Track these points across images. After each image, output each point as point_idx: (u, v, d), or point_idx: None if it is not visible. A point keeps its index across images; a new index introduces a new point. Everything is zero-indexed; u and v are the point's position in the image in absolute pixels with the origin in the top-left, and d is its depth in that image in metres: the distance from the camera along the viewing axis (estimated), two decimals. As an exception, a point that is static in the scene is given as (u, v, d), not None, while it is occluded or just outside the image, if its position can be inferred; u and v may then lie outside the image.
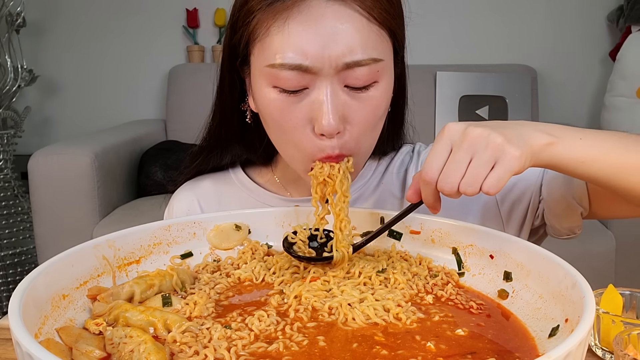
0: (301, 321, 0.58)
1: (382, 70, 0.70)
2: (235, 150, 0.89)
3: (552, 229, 0.85)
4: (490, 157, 0.59)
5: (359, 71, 0.68)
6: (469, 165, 0.60)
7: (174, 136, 2.73)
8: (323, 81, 0.68)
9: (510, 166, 0.59)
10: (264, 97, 0.72)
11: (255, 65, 0.73)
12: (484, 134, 0.60)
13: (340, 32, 0.67)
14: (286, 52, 0.67)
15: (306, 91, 0.70)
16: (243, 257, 0.74)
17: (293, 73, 0.68)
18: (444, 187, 0.61)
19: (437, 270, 0.70)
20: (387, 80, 0.73)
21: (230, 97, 0.82)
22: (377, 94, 0.71)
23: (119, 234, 0.68)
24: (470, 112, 2.62)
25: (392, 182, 0.91)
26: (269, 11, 0.68)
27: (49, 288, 0.56)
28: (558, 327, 0.53)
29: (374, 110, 0.72)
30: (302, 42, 0.67)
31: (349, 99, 0.70)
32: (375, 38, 0.69)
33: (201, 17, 2.95)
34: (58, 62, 3.02)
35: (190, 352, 0.51)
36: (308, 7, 0.67)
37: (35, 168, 2.08)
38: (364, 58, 0.68)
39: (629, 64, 2.48)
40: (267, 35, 0.69)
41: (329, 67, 0.67)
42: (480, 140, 0.60)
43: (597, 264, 1.97)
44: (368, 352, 0.52)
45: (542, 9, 2.83)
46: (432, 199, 0.64)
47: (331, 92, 0.68)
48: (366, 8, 0.68)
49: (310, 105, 0.70)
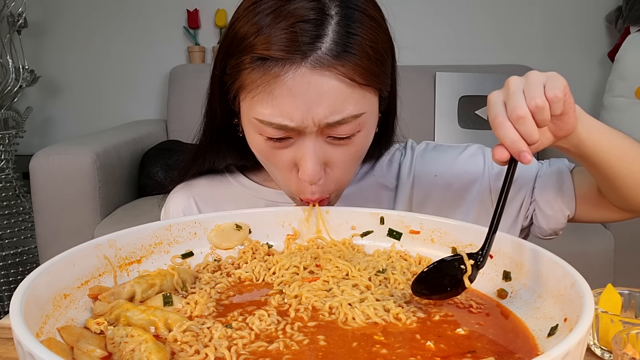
0: (301, 320, 0.58)
1: (364, 121, 0.74)
2: (228, 157, 0.91)
3: (538, 229, 0.89)
4: (557, 78, 0.63)
5: (341, 128, 0.72)
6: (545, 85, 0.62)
7: (174, 136, 2.74)
8: (307, 136, 0.72)
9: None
10: (252, 138, 0.77)
11: (243, 109, 0.76)
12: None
13: (323, 98, 0.69)
14: (271, 114, 0.71)
15: (291, 140, 0.74)
16: (244, 256, 0.74)
17: (277, 130, 0.72)
18: (537, 102, 0.60)
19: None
20: (370, 126, 0.76)
21: (222, 117, 0.84)
22: (359, 142, 0.75)
23: (120, 234, 0.68)
24: (469, 112, 2.62)
25: (383, 176, 0.93)
26: (257, 73, 0.71)
27: (50, 287, 0.56)
28: (557, 327, 0.54)
29: (355, 154, 0.76)
30: (287, 108, 0.70)
31: (330, 148, 0.74)
32: (358, 97, 0.71)
33: (202, 18, 2.95)
34: (59, 62, 3.02)
35: (191, 351, 0.51)
36: (293, 78, 0.69)
37: (36, 168, 2.08)
38: (346, 116, 0.71)
39: (627, 65, 2.48)
40: (255, 94, 0.72)
41: (312, 126, 0.71)
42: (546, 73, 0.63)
43: (596, 263, 1.97)
44: (368, 351, 0.52)
45: (541, 10, 2.83)
46: (535, 131, 0.60)
47: (314, 144, 0.73)
48: (349, 74, 0.70)
49: (294, 152, 0.74)
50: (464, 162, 0.90)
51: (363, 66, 0.70)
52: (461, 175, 0.90)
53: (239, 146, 0.89)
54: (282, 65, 0.69)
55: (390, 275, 0.67)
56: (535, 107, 0.59)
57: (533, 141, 0.60)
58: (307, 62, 0.69)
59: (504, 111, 0.61)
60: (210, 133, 0.88)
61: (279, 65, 0.69)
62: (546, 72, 0.63)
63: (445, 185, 0.90)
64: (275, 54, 0.69)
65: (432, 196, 0.90)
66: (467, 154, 0.91)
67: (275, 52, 0.69)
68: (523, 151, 0.59)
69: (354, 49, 0.70)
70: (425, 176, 0.91)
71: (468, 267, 0.61)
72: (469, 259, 0.61)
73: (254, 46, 0.70)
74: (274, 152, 0.75)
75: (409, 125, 0.94)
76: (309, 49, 0.68)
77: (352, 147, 0.75)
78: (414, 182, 0.91)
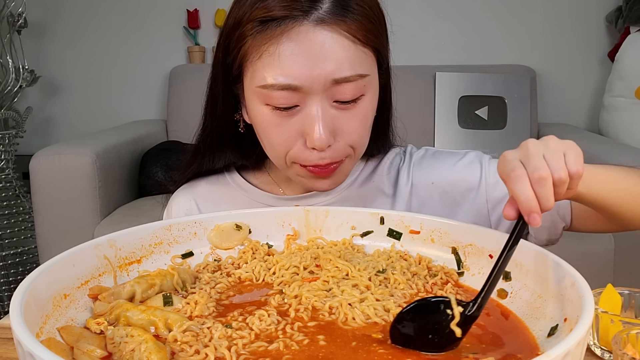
0: (302, 320, 0.58)
1: (368, 84, 0.76)
2: (228, 156, 0.92)
3: (534, 239, 0.88)
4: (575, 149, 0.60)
5: (346, 87, 0.73)
6: (565, 155, 0.59)
7: (174, 136, 2.73)
8: (313, 99, 0.74)
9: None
10: (258, 113, 0.77)
11: (248, 86, 0.78)
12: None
13: (327, 54, 0.72)
14: (277, 74, 0.72)
15: (297, 108, 0.75)
16: (244, 256, 0.74)
17: (284, 93, 0.73)
18: (561, 175, 0.57)
19: (437, 270, 0.70)
20: (373, 92, 0.79)
21: (224, 111, 0.85)
22: (364, 106, 0.77)
23: (120, 234, 0.68)
24: (469, 112, 2.62)
25: (382, 182, 0.93)
26: (260, 37, 0.73)
27: (50, 288, 0.56)
28: (557, 327, 0.54)
29: (362, 121, 0.78)
30: (291, 65, 0.72)
31: (338, 113, 0.75)
32: (361, 56, 0.74)
33: (202, 18, 2.95)
34: (59, 62, 3.02)
35: (191, 351, 0.51)
36: (297, 33, 0.72)
37: (36, 168, 2.08)
38: (351, 74, 0.73)
39: (627, 65, 2.48)
40: (258, 59, 0.74)
41: (318, 86, 0.73)
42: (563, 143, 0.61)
43: (596, 263, 1.97)
44: (367, 351, 0.52)
45: (541, 10, 2.83)
46: (552, 196, 0.57)
47: (321, 108, 0.74)
48: (351, 31, 0.73)
49: (301, 120, 0.75)
50: (461, 170, 0.90)
51: (363, 24, 0.74)
52: (458, 183, 0.89)
53: (240, 145, 0.89)
54: (285, 23, 0.72)
55: (390, 275, 0.67)
56: (559, 179, 0.57)
57: (547, 208, 0.56)
58: (309, 19, 0.72)
59: (524, 169, 0.57)
60: (211, 130, 0.89)
61: (282, 25, 0.72)
62: (564, 141, 0.61)
63: (441, 193, 0.90)
64: (277, 13, 0.72)
65: (429, 204, 0.90)
66: (464, 162, 0.91)
67: (276, 12, 0.72)
68: (534, 213, 0.55)
69: (352, 8, 0.73)
70: (422, 183, 0.91)
71: (456, 313, 0.52)
72: (457, 305, 0.53)
73: (254, 14, 0.73)
74: (281, 124, 0.76)
75: (409, 125, 0.94)
76: (309, 7, 0.72)
77: (359, 113, 0.76)
78: (411, 189, 0.91)
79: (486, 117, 2.60)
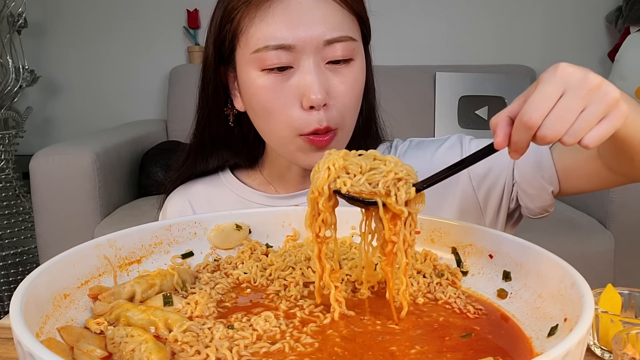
0: (303, 322, 0.58)
1: (357, 50, 0.82)
2: (220, 154, 0.93)
3: (526, 210, 0.89)
4: (603, 110, 0.53)
5: (337, 46, 0.79)
6: (579, 115, 0.53)
7: (174, 136, 2.73)
8: (306, 59, 0.78)
9: (617, 123, 0.54)
10: (253, 84, 0.80)
11: (241, 58, 0.81)
12: (604, 84, 0.54)
13: (318, 15, 0.78)
14: (269, 37, 0.77)
15: (292, 70, 0.79)
16: (241, 256, 0.74)
17: (277, 52, 0.77)
18: (546, 135, 0.53)
19: (442, 269, 0.70)
20: (361, 61, 0.84)
21: (214, 101, 0.87)
22: (354, 70, 0.82)
23: (120, 234, 0.68)
24: (469, 112, 2.62)
25: None
26: (251, 6, 0.78)
27: (50, 288, 0.56)
28: (557, 327, 0.54)
29: (353, 85, 0.82)
30: (285, 25, 0.77)
31: (330, 75, 0.80)
32: (348, 21, 0.81)
33: (202, 18, 2.95)
34: (59, 62, 3.02)
35: (192, 351, 0.51)
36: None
37: (36, 168, 2.08)
38: (342, 35, 0.79)
39: (627, 65, 2.48)
40: (251, 26, 0.78)
41: (310, 46, 0.77)
42: (600, 91, 0.54)
43: (596, 263, 1.97)
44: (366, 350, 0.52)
45: (541, 10, 2.83)
46: (526, 145, 0.55)
47: (315, 66, 0.78)
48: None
49: (297, 83, 0.79)
50: (443, 154, 0.91)
51: None
52: (440, 168, 0.89)
53: (232, 141, 0.90)
54: None
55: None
56: (544, 137, 0.53)
57: (520, 151, 0.55)
58: None
59: (519, 103, 0.55)
60: (204, 126, 0.90)
61: None
62: (596, 81, 0.54)
63: None
64: None
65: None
66: (445, 146, 0.92)
67: None
68: (517, 153, 0.56)
69: None
70: None
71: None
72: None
73: None
74: (277, 88, 0.79)
75: (409, 125, 0.94)
76: None
77: (350, 76, 0.81)
78: None
79: (486, 117, 2.60)
